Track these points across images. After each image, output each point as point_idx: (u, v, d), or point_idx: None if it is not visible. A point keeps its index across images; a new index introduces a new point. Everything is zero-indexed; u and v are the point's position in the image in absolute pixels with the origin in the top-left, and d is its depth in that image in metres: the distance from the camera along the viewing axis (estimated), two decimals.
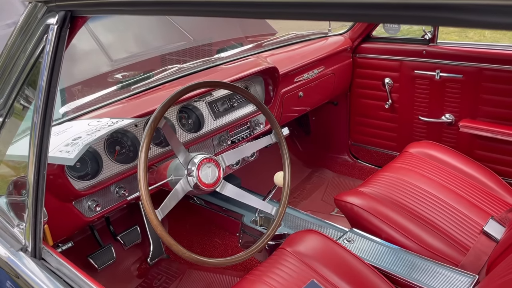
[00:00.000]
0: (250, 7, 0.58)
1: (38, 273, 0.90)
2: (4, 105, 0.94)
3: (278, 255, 1.45)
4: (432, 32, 2.20)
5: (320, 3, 0.50)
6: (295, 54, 2.23)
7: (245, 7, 0.59)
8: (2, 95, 0.93)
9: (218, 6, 0.61)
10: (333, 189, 2.62)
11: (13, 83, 0.90)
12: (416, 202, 1.75)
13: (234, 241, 2.06)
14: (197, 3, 0.64)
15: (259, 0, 0.56)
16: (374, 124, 2.58)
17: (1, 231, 1.05)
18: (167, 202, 1.22)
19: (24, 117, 0.96)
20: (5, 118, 0.97)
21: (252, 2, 0.57)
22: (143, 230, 2.03)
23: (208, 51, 2.21)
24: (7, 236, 1.02)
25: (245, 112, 1.91)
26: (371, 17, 0.50)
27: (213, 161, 1.33)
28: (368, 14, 0.47)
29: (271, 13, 0.58)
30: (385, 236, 1.65)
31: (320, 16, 0.52)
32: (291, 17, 0.54)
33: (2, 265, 0.99)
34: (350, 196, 1.78)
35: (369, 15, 0.47)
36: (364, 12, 0.47)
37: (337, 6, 0.48)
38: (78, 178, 1.41)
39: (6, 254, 0.97)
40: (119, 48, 2.01)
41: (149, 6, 0.70)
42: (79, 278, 0.89)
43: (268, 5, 0.55)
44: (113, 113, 1.54)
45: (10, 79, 0.90)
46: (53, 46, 0.80)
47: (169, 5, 0.67)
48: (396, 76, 2.36)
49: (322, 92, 2.41)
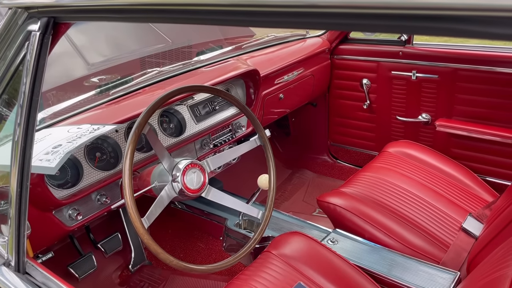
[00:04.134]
0: (237, 15, 0.57)
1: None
2: None
3: (264, 258, 1.45)
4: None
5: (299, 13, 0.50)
6: (274, 56, 2.23)
7: (233, 15, 0.58)
8: None
9: (207, 14, 0.61)
10: (313, 189, 2.63)
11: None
12: (397, 201, 1.78)
13: (217, 245, 2.05)
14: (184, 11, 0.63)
15: (245, 10, 0.56)
16: (352, 125, 2.61)
17: None
18: (152, 210, 1.20)
19: (3, 126, 0.92)
20: None
21: (238, 11, 0.57)
22: (124, 236, 1.99)
23: (187, 54, 2.19)
24: None
25: (226, 115, 1.90)
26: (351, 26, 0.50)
27: (198, 166, 1.31)
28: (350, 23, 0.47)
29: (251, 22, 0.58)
30: (368, 235, 1.67)
31: (300, 24, 0.52)
32: (272, 26, 0.55)
33: None
34: (333, 196, 1.80)
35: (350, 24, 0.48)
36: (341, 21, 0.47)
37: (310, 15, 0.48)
38: (58, 187, 1.37)
39: None
40: (96, 51, 1.97)
41: (135, 13, 0.68)
42: None
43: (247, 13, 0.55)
44: (93, 118, 1.50)
45: None
46: (36, 53, 0.78)
47: (156, 12, 0.66)
48: (374, 77, 2.40)
49: (302, 94, 2.43)
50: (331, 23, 0.49)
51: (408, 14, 0.41)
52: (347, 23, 0.47)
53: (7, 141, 0.91)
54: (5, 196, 0.91)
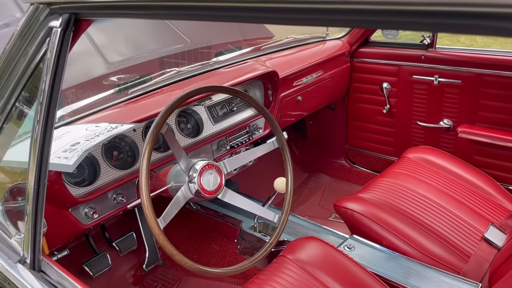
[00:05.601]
0: (254, 11, 0.55)
1: (37, 286, 0.86)
2: (2, 110, 0.91)
3: (279, 262, 1.42)
4: (430, 37, 2.20)
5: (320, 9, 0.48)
6: (293, 58, 2.21)
7: (250, 11, 0.56)
8: (0, 100, 0.90)
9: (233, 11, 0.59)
10: (330, 194, 2.60)
11: (12, 88, 0.86)
12: (416, 208, 1.74)
13: (232, 248, 2.03)
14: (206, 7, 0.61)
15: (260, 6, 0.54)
16: (371, 129, 2.57)
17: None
18: (168, 211, 1.19)
19: (22, 123, 0.92)
20: (3, 123, 0.93)
21: (254, 7, 0.55)
22: (138, 236, 1.99)
23: (206, 54, 2.19)
24: (4, 247, 0.98)
25: (244, 117, 1.88)
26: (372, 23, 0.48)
27: (215, 167, 1.30)
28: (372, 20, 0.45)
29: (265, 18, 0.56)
30: (386, 243, 1.63)
31: (321, 22, 0.50)
32: (286, 23, 0.52)
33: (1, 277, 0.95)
34: (350, 202, 1.76)
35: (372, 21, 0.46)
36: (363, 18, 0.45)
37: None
38: (75, 184, 1.37)
39: (4, 266, 0.93)
40: (116, 51, 1.98)
41: (157, 10, 0.67)
42: None
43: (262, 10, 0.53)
44: (111, 117, 1.50)
45: (9, 84, 0.87)
46: (56, 49, 0.77)
47: (178, 9, 0.65)
48: (394, 81, 2.36)
49: (320, 97, 2.40)
50: (359, 20, 0.46)
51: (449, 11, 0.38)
52: (378, 20, 0.44)
53: (26, 138, 0.91)
54: (23, 193, 0.91)
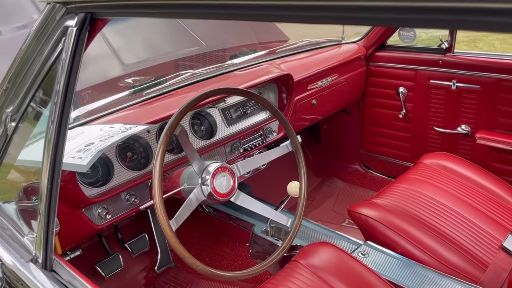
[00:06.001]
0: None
1: (48, 286, 0.86)
2: (17, 109, 0.91)
3: (291, 267, 1.40)
4: (449, 42, 2.16)
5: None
6: (308, 62, 2.19)
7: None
8: (16, 100, 0.90)
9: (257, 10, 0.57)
10: (344, 199, 2.57)
11: (27, 87, 0.87)
12: (433, 215, 1.70)
13: (244, 251, 2.01)
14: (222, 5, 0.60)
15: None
16: (387, 134, 2.53)
17: (10, 240, 1.01)
18: (181, 212, 1.19)
19: (37, 123, 0.92)
20: (18, 123, 0.93)
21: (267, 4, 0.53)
22: (151, 237, 1.99)
23: (220, 57, 2.18)
24: (17, 246, 0.98)
25: (258, 120, 1.87)
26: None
27: (228, 170, 1.29)
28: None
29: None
30: (401, 250, 1.60)
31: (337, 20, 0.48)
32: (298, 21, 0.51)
33: (11, 276, 0.95)
34: (364, 207, 1.73)
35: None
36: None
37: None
38: (89, 185, 1.37)
39: (16, 265, 0.93)
40: (132, 53, 1.99)
41: (174, 8, 0.66)
42: None
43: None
44: (126, 118, 1.50)
45: (25, 83, 0.87)
46: (72, 49, 0.77)
47: (193, 7, 0.64)
48: (411, 86, 2.32)
49: (335, 100, 2.37)
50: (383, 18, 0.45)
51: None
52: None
53: (40, 138, 0.91)
54: (37, 192, 0.91)
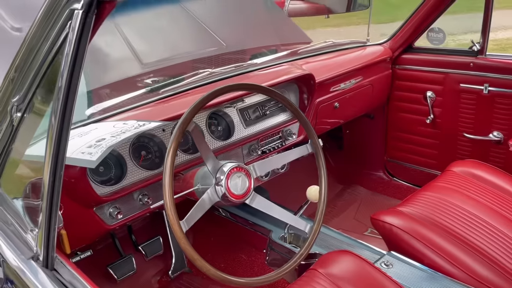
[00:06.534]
0: None
1: (48, 286, 0.81)
2: (23, 99, 0.87)
3: (310, 276, 1.33)
4: (481, 44, 2.06)
5: None
6: (331, 63, 2.13)
7: None
8: (21, 89, 0.87)
9: None
10: (366, 207, 2.48)
11: (33, 75, 0.83)
12: (463, 226, 1.60)
13: (260, 258, 1.94)
14: None
15: None
16: (413, 140, 2.45)
17: (14, 237, 0.97)
18: (193, 213, 1.13)
19: (42, 113, 0.88)
20: (23, 113, 0.90)
21: None
22: (165, 241, 1.94)
23: (241, 59, 2.13)
24: (19, 243, 0.94)
25: (277, 121, 1.81)
26: None
27: (244, 170, 1.22)
28: None
29: None
30: (427, 261, 1.50)
31: None
32: None
33: (11, 274, 0.91)
34: (389, 215, 1.65)
35: None
36: None
37: None
38: (101, 183, 1.33)
39: (16, 263, 0.89)
40: (151, 52, 1.96)
41: None
42: None
43: None
44: (140, 116, 1.47)
45: (30, 71, 0.83)
46: (77, 33, 0.72)
47: None
48: (440, 90, 2.23)
49: (359, 104, 2.30)
50: None
51: None
52: None
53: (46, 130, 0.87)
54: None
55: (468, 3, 2.80)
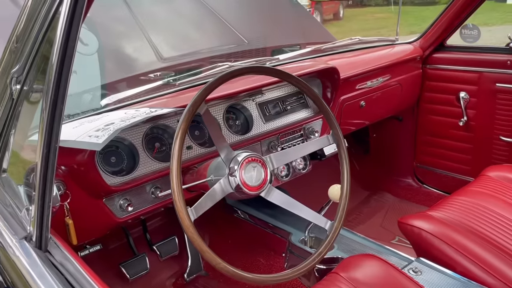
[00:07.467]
0: None
1: (38, 267, 0.74)
2: (22, 70, 0.83)
3: (330, 280, 1.23)
4: None
5: None
6: (358, 60, 2.05)
7: None
8: (21, 59, 0.82)
9: None
10: (394, 215, 2.35)
11: (31, 45, 0.78)
12: (499, 232, 1.47)
13: (279, 262, 1.85)
14: None
15: None
16: (444, 144, 2.33)
17: (9, 217, 0.92)
18: (202, 202, 1.05)
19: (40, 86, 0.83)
20: (22, 85, 0.85)
21: None
22: (181, 241, 1.88)
23: (261, 55, 2.07)
24: (14, 223, 0.89)
25: (298, 118, 1.73)
26: None
27: (259, 161, 1.14)
28: None
29: None
30: (460, 269, 1.38)
31: None
32: None
33: (2, 255, 0.85)
34: (417, 219, 1.53)
35: None
36: None
37: None
38: (112, 174, 1.28)
39: (7, 243, 0.84)
40: (170, 47, 1.93)
41: None
42: (82, 276, 0.73)
43: None
44: (155, 106, 1.42)
45: (29, 40, 0.79)
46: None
47: None
48: (474, 90, 2.12)
49: (386, 105, 2.19)
50: None
51: None
52: None
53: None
54: None
55: (503, 15, 2.68)
